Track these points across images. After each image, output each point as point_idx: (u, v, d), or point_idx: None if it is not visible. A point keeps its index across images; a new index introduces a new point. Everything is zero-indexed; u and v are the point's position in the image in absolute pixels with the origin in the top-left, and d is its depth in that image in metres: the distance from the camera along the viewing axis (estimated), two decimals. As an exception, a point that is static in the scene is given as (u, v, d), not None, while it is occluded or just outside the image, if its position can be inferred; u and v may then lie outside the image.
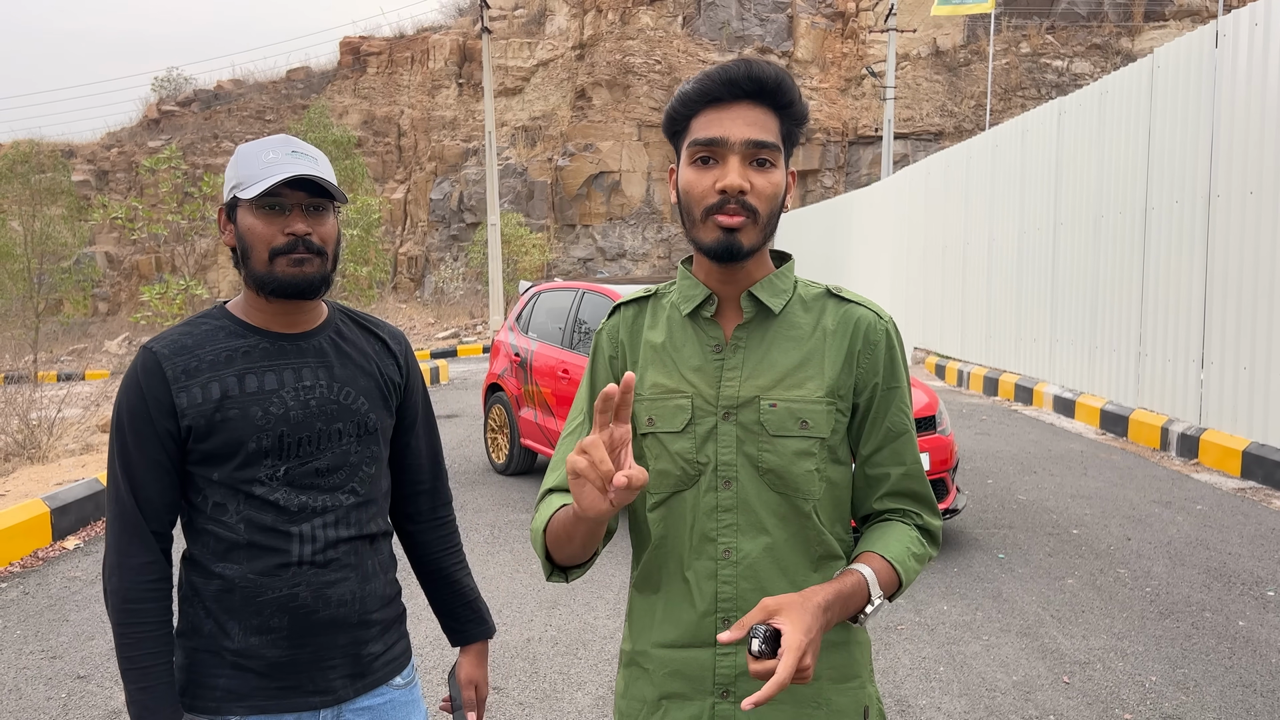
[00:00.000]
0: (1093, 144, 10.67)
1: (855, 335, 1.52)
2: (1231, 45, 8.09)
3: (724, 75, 1.43)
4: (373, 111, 37.49)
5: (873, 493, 1.55)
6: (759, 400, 1.48)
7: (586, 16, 34.83)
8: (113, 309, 35.12)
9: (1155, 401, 9.32)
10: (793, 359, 1.50)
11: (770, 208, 1.46)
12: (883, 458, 1.54)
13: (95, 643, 4.69)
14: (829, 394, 1.49)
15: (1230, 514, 6.57)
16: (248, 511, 1.71)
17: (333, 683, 1.78)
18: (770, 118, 1.45)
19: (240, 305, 1.81)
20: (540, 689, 4.08)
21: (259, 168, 1.69)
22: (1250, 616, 4.72)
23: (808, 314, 1.54)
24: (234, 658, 1.72)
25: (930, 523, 1.55)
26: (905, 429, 1.54)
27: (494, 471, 8.31)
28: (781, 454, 1.47)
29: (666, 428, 1.51)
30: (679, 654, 1.50)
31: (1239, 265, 7.97)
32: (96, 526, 6.76)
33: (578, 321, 7.46)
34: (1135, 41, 32.04)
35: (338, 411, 1.77)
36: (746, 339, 1.52)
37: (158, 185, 11.99)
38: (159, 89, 41.78)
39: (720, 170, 1.43)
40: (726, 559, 1.47)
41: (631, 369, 1.57)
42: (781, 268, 1.57)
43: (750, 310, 1.52)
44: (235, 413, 1.70)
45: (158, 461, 1.69)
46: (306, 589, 1.74)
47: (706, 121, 1.44)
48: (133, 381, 1.71)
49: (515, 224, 28.60)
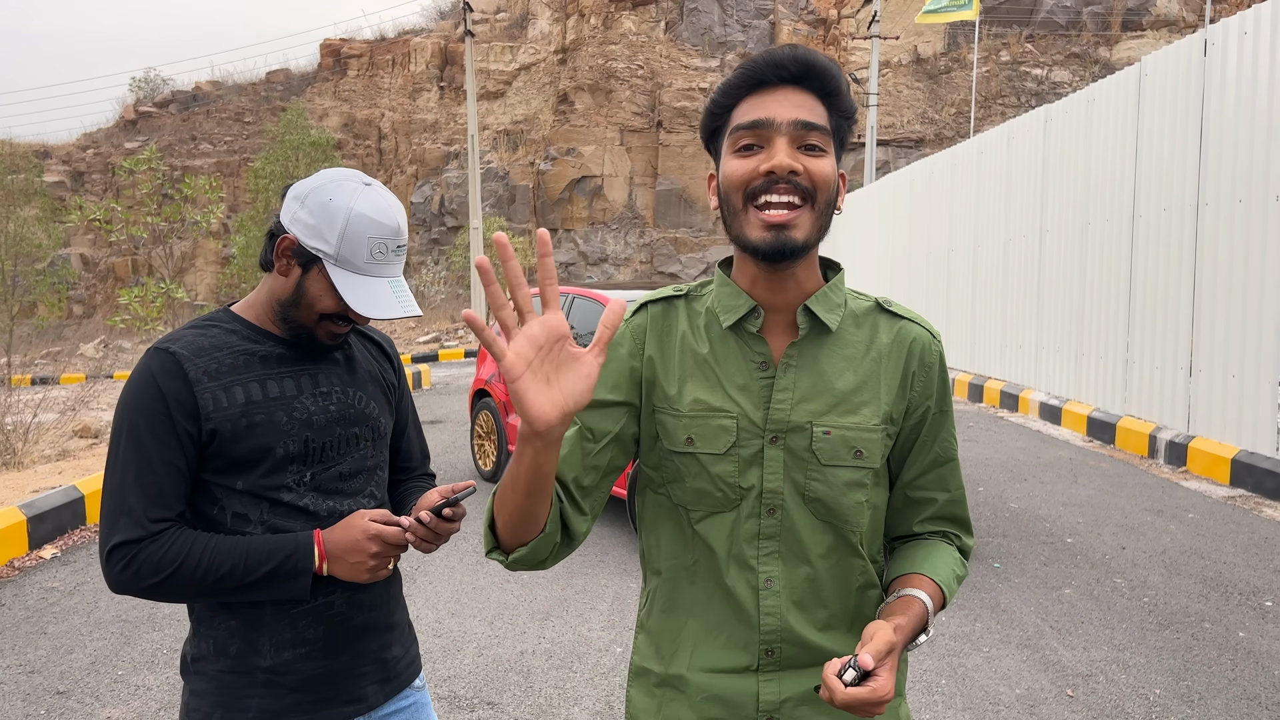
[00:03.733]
0: (1080, 151, 10.69)
1: (910, 356, 1.43)
2: (1220, 54, 8.10)
3: (769, 58, 1.33)
4: (353, 114, 37.25)
5: (915, 515, 1.50)
6: (812, 426, 1.38)
7: (569, 21, 34.76)
8: (88, 312, 34.69)
9: (1143, 409, 9.32)
10: (848, 382, 1.40)
11: (826, 195, 1.33)
12: (929, 482, 1.48)
13: (74, 656, 4.56)
14: (884, 421, 1.41)
15: (1222, 522, 6.55)
16: (273, 520, 1.66)
17: (365, 690, 1.77)
18: (818, 104, 1.34)
19: (254, 311, 1.75)
20: (536, 704, 3.99)
21: (364, 257, 1.64)
22: (1250, 627, 4.68)
23: (860, 330, 1.43)
24: (266, 676, 1.67)
25: (967, 543, 1.52)
26: (953, 455, 1.49)
27: (481, 478, 8.20)
28: (832, 484, 1.38)
29: (707, 449, 1.40)
30: (720, 680, 1.42)
31: (1227, 273, 7.98)
32: (74, 535, 6.60)
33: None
34: (1113, 51, 32.30)
35: (355, 417, 1.77)
36: (799, 358, 1.40)
37: (137, 187, 11.82)
38: (136, 90, 41.36)
39: (766, 153, 1.30)
40: (769, 588, 1.40)
41: (663, 376, 1.43)
42: (834, 279, 1.45)
43: (806, 327, 1.39)
44: (261, 418, 1.65)
45: (176, 468, 1.60)
46: (341, 596, 1.72)
47: (750, 106, 1.33)
48: (148, 383, 1.60)
49: (498, 227, 28.46)
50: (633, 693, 1.53)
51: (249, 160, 34.79)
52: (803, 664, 1.42)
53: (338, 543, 1.63)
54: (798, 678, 1.42)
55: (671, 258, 31.47)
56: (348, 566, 1.64)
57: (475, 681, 4.21)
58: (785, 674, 1.41)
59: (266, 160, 25.38)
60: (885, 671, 1.18)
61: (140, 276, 32.54)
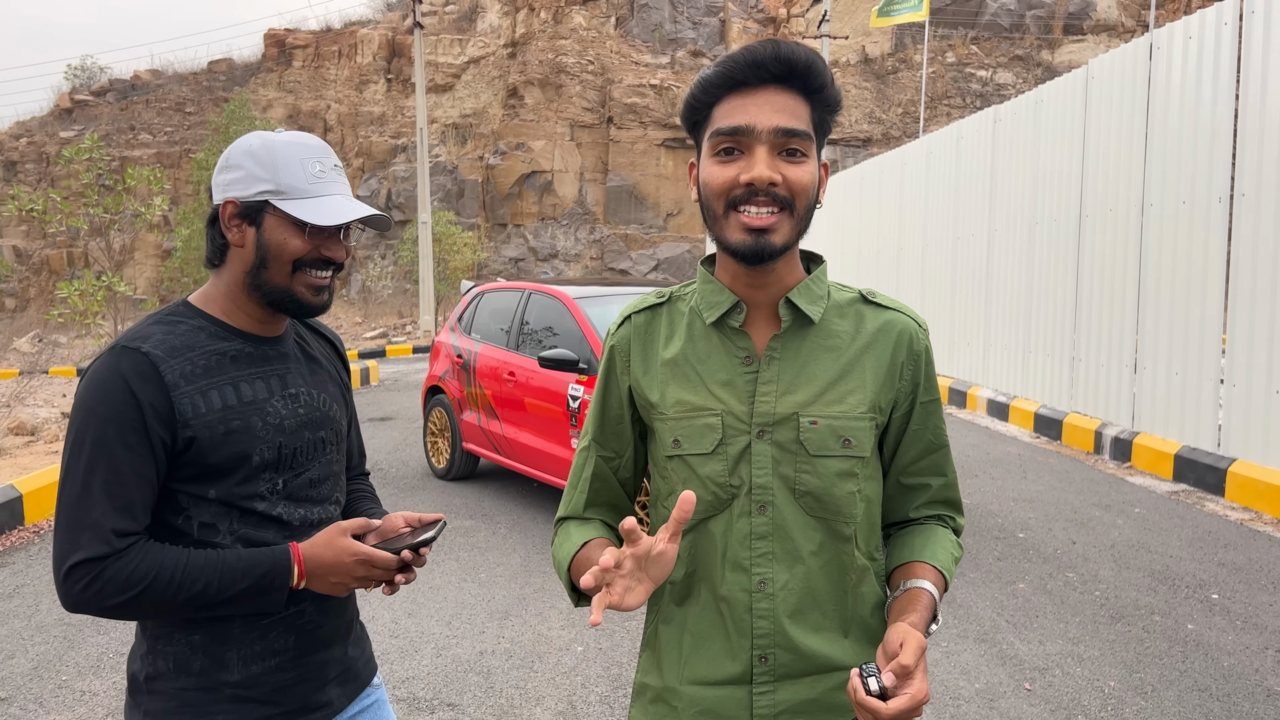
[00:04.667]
0: (1028, 152, 10.85)
1: (899, 346, 1.43)
2: (1165, 58, 8.27)
3: (749, 57, 1.30)
4: (298, 106, 36.64)
5: (911, 502, 1.51)
6: (798, 417, 1.37)
7: (519, 14, 34.53)
8: (20, 305, 33.71)
9: (1089, 405, 9.50)
10: (832, 372, 1.40)
11: (805, 201, 1.33)
12: (922, 468, 1.49)
13: (16, 661, 4.41)
14: (871, 409, 1.40)
15: (1167, 517, 6.69)
16: (244, 530, 1.57)
17: (329, 695, 1.71)
18: (800, 103, 1.32)
19: (217, 304, 1.64)
20: (497, 704, 3.93)
21: (304, 178, 1.57)
22: (1198, 620, 4.78)
23: (844, 321, 1.43)
24: (234, 690, 1.58)
25: (960, 523, 1.54)
26: (944, 442, 1.51)
27: (434, 476, 8.10)
28: (822, 475, 1.37)
29: (694, 449, 1.39)
30: (711, 692, 1.40)
31: (1171, 273, 8.15)
32: (13, 536, 6.39)
33: (523, 323, 7.30)
34: (1055, 54, 32.91)
35: (321, 420, 1.70)
36: (782, 350, 1.40)
37: (78, 176, 11.49)
38: (72, 78, 40.27)
39: (746, 161, 1.31)
40: (762, 590, 1.37)
41: (647, 390, 1.45)
42: (815, 272, 1.45)
43: (788, 319, 1.40)
44: (238, 423, 1.55)
45: (147, 479, 1.49)
46: (312, 604, 1.66)
47: (730, 109, 1.32)
48: (118, 385, 1.47)
49: (447, 222, 28.17)
50: (634, 712, 1.51)
51: (190, 152, 34.07)
52: (798, 673, 1.39)
53: (319, 560, 1.55)
54: (793, 687, 1.39)
55: (622, 254, 31.44)
56: (327, 585, 1.57)
57: (434, 682, 4.14)
58: (780, 684, 1.39)
59: (210, 151, 24.84)
60: (920, 674, 1.17)
61: (77, 269, 31.72)
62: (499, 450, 7.25)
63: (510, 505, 7.13)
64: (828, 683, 1.40)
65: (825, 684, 1.40)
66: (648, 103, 31.70)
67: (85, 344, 23.88)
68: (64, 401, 13.50)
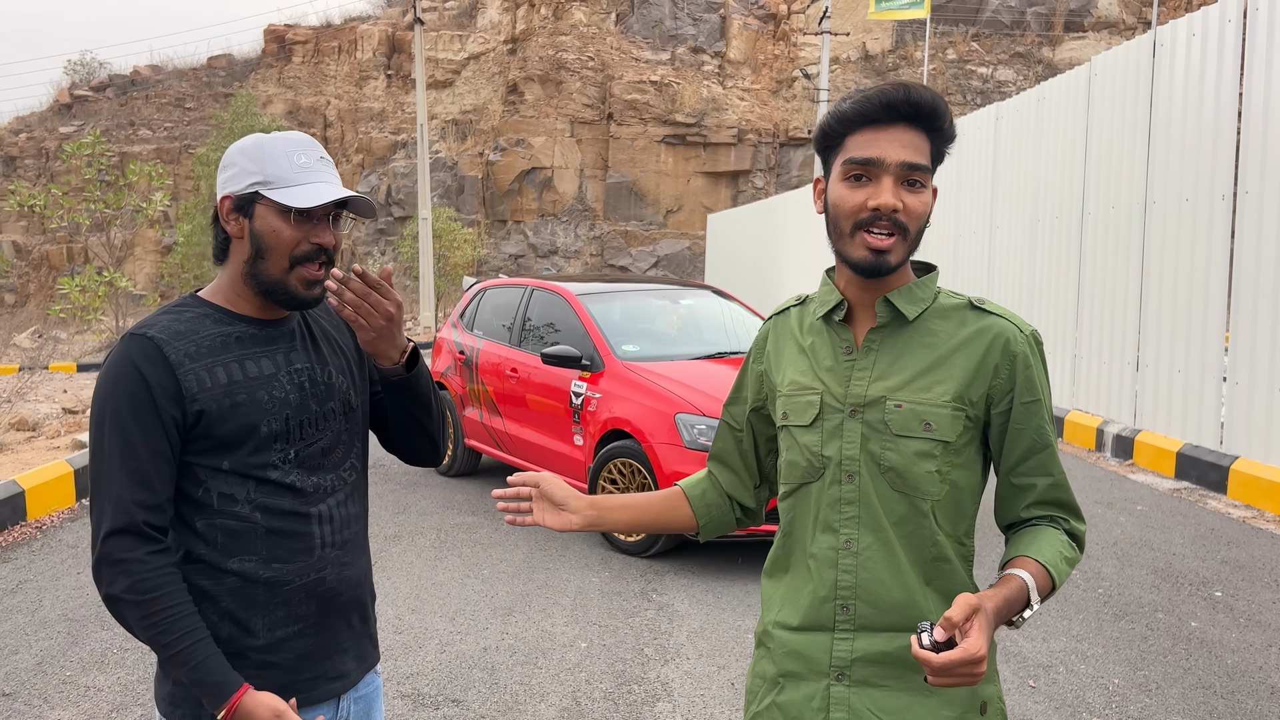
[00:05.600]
0: (1030, 149, 10.85)
1: (993, 347, 1.56)
2: (1169, 55, 8.27)
3: (883, 98, 1.51)
4: (298, 102, 36.61)
5: (1020, 502, 1.60)
6: (885, 400, 1.56)
7: (519, 11, 34.49)
8: (20, 301, 33.69)
9: (1090, 403, 9.50)
10: (923, 364, 1.57)
11: (919, 225, 1.55)
12: (1028, 469, 1.58)
13: (20, 657, 4.41)
14: (955, 399, 1.55)
15: (1170, 514, 6.70)
16: (261, 498, 1.67)
17: (347, 666, 1.79)
18: (923, 140, 1.53)
19: (222, 294, 1.75)
20: (502, 700, 3.94)
21: (290, 169, 1.67)
22: (1201, 617, 4.78)
23: (945, 323, 1.60)
24: (260, 655, 1.67)
25: (1076, 527, 1.60)
26: (1048, 442, 1.59)
27: (436, 473, 8.10)
28: (903, 453, 1.54)
29: (797, 421, 1.63)
30: (797, 636, 1.60)
31: (1174, 270, 8.15)
32: (15, 532, 6.39)
33: (526, 319, 7.30)
34: (1056, 51, 32.91)
35: (326, 392, 1.79)
36: (879, 342, 1.60)
37: (78, 172, 11.46)
38: (72, 73, 40.23)
39: (873, 189, 1.51)
40: (847, 549, 1.56)
41: (774, 373, 1.72)
42: (924, 277, 1.64)
43: (885, 315, 1.59)
44: (244, 397, 1.66)
45: (162, 454, 1.61)
46: (331, 571, 1.74)
47: (863, 141, 1.53)
48: (129, 370, 1.61)
49: (447, 218, 28.15)
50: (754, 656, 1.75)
51: (190, 147, 34.04)
52: (876, 627, 1.55)
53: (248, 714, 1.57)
54: (870, 639, 1.55)
55: (622, 250, 31.44)
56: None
57: (439, 679, 4.14)
58: (859, 634, 1.55)
59: (212, 147, 24.79)
60: (975, 630, 1.29)
61: (77, 265, 31.70)
62: (501, 446, 7.25)
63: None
64: (902, 640, 1.54)
65: (899, 641, 1.54)
66: (648, 99, 31.67)
67: (85, 339, 23.87)
68: (64, 397, 13.50)
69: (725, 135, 31.81)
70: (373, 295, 1.67)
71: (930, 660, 1.26)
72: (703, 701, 3.93)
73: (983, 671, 1.28)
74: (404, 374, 1.80)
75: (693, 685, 4.08)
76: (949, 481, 1.55)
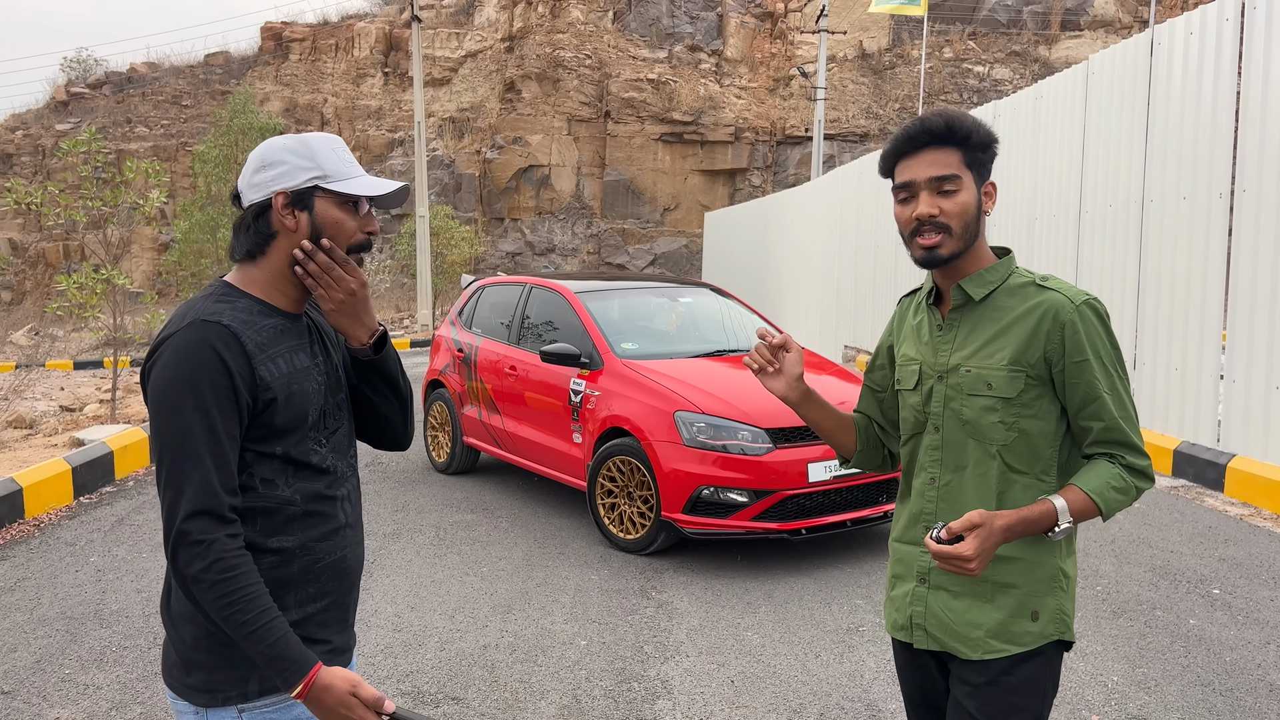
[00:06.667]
0: (1027, 148, 10.86)
1: (1045, 317, 1.91)
2: (1166, 53, 8.27)
3: (905, 134, 1.94)
4: (295, 99, 36.54)
5: (1083, 440, 1.95)
6: (960, 367, 1.98)
7: (516, 9, 34.43)
8: (16, 299, 33.62)
9: (1087, 401, 9.50)
10: (989, 334, 1.96)
11: (963, 220, 1.92)
12: (1085, 415, 1.92)
13: (18, 655, 4.40)
14: (1013, 362, 1.92)
15: (1167, 512, 6.71)
16: (298, 482, 1.77)
17: (348, 638, 1.91)
18: (951, 153, 1.91)
19: (258, 286, 1.81)
20: (501, 698, 3.94)
21: (340, 163, 1.78)
22: (1200, 615, 4.80)
23: (1011, 299, 1.96)
24: (293, 630, 1.72)
25: (1134, 462, 1.89)
26: (1098, 394, 1.89)
27: (435, 471, 8.10)
28: (973, 408, 1.95)
29: (906, 386, 2.09)
30: (901, 547, 2.11)
31: (1171, 269, 8.16)
32: (13, 529, 6.38)
33: (524, 317, 7.29)
34: (1052, 50, 32.91)
35: (338, 383, 1.90)
36: (959, 320, 2.01)
37: (75, 169, 11.42)
38: (68, 70, 40.10)
39: (915, 204, 1.94)
40: (932, 484, 2.03)
41: (897, 347, 2.17)
42: (996, 263, 2.00)
43: (959, 298, 2.00)
44: (298, 387, 1.77)
45: (235, 438, 1.69)
46: (350, 549, 1.87)
47: (902, 169, 1.96)
48: (208, 355, 1.65)
49: (444, 216, 28.10)
50: None
51: (187, 145, 33.95)
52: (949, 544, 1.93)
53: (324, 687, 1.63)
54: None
55: (619, 249, 31.43)
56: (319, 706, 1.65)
57: (439, 676, 4.15)
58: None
59: (210, 145, 24.67)
60: (971, 540, 1.75)
61: (74, 262, 31.63)
62: (500, 444, 7.25)
63: (511, 499, 7.13)
64: None
65: None
66: (645, 97, 31.65)
67: (82, 337, 23.82)
68: (62, 395, 13.47)
69: (722, 133, 31.78)
70: (335, 270, 1.76)
71: (929, 547, 1.78)
72: (702, 699, 3.94)
73: (971, 569, 1.74)
74: (372, 355, 1.89)
75: (692, 682, 4.09)
76: (1017, 430, 1.92)
